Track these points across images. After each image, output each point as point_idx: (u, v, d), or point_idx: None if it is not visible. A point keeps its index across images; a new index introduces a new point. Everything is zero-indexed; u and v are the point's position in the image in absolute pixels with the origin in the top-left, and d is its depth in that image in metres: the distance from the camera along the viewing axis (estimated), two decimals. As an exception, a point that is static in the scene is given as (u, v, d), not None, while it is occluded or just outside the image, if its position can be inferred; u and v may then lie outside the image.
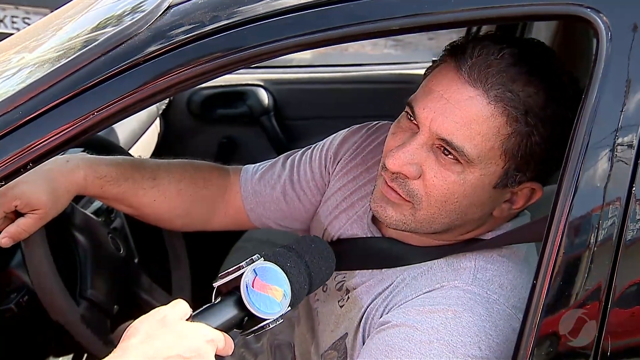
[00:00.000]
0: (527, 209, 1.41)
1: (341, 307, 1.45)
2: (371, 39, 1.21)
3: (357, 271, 1.44)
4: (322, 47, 1.19)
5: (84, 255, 1.61)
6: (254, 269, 1.16)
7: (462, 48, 1.26)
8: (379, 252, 1.43)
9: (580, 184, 1.11)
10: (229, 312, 1.14)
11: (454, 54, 1.26)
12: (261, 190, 1.62)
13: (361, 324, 1.37)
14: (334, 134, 1.63)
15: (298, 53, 1.20)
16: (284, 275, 1.19)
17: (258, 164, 1.67)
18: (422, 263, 1.36)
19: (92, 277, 1.60)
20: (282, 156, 1.66)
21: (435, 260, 1.35)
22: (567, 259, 1.13)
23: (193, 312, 1.13)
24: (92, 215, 1.73)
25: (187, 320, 1.11)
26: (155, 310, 1.11)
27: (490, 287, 1.28)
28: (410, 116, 1.28)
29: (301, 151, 1.65)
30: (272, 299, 1.16)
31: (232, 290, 1.16)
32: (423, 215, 1.30)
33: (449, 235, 1.36)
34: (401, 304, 1.31)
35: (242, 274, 1.15)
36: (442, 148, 1.25)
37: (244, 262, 1.17)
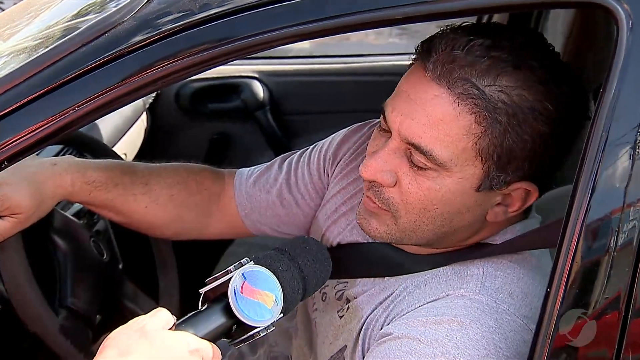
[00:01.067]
0: (540, 211, 1.41)
1: (341, 317, 1.45)
2: (373, 28, 1.22)
3: (359, 279, 1.44)
4: (320, 37, 1.19)
5: (64, 260, 1.61)
6: (242, 274, 1.16)
7: (430, 42, 1.25)
8: (382, 258, 1.43)
9: (598, 184, 1.11)
10: (216, 320, 1.14)
11: (422, 51, 1.26)
12: (256, 194, 1.62)
13: (360, 335, 1.38)
14: (334, 134, 1.63)
15: (295, 43, 1.20)
16: (275, 279, 1.19)
17: (253, 167, 1.67)
18: (427, 270, 1.36)
19: (73, 285, 1.60)
20: (278, 158, 1.66)
21: (441, 268, 1.35)
22: (583, 265, 1.13)
23: (177, 320, 1.13)
24: (72, 218, 1.73)
25: (170, 329, 1.11)
26: (134, 320, 1.11)
27: (499, 296, 1.28)
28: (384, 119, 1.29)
29: (299, 152, 1.65)
30: (262, 305, 1.16)
31: (220, 296, 1.16)
32: (404, 223, 1.30)
33: (447, 242, 1.35)
34: (403, 314, 1.31)
35: (230, 278, 1.15)
36: (414, 153, 1.24)
37: (232, 266, 1.17)
